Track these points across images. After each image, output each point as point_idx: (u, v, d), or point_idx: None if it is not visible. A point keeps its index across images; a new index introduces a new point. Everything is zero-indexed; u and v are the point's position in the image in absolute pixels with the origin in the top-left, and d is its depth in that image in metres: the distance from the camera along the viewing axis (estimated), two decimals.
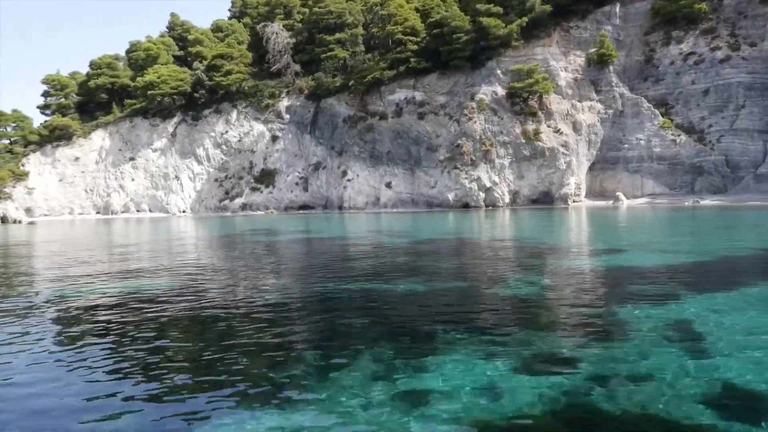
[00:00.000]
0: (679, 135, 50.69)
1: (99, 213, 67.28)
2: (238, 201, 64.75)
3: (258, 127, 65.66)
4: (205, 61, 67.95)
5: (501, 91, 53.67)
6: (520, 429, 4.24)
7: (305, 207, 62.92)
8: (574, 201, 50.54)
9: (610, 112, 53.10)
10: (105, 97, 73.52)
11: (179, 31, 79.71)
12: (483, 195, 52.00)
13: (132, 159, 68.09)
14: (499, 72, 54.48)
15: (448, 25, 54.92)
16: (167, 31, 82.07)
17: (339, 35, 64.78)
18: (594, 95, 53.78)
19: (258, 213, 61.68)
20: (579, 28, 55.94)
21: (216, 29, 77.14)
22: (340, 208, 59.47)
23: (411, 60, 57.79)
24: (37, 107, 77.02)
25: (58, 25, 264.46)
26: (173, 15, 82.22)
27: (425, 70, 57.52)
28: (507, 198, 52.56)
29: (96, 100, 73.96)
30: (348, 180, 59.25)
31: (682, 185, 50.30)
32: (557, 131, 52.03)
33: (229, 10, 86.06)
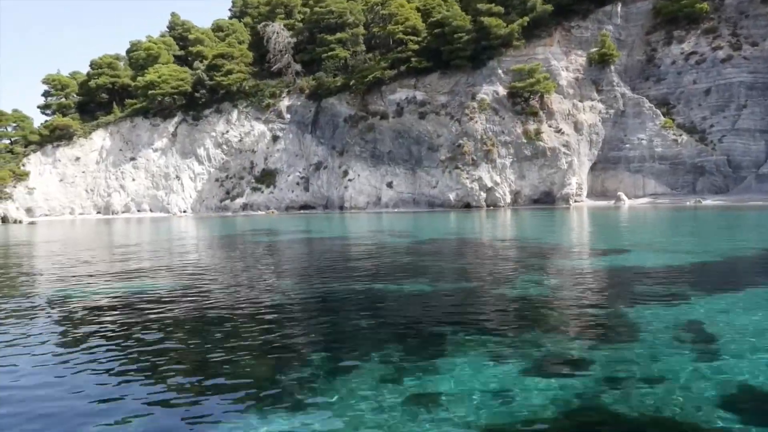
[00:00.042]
0: (681, 135, 50.63)
1: (100, 213, 67.24)
2: (238, 201, 64.70)
3: (259, 127, 65.59)
4: (206, 61, 67.90)
5: (502, 91, 53.59)
6: None
7: (306, 207, 62.85)
8: (575, 201, 50.47)
9: (611, 111, 53.02)
10: (105, 97, 73.53)
11: (180, 31, 79.71)
12: (484, 195, 51.93)
13: (133, 159, 68.05)
14: (501, 72, 54.41)
15: (449, 25, 54.84)
16: (168, 31, 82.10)
17: (340, 35, 64.74)
18: (595, 95, 53.70)
19: (259, 213, 61.62)
20: (580, 27, 55.87)
21: (216, 29, 77.10)
22: (341, 208, 59.39)
23: (412, 60, 57.71)
24: (38, 107, 77.10)
25: (58, 25, 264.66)
26: (174, 15, 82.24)
27: (426, 69, 57.43)
28: (508, 198, 52.50)
29: (96, 99, 73.96)
30: (349, 180, 59.18)
31: (683, 185, 50.23)
32: (558, 131, 51.96)
33: (230, 9, 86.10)
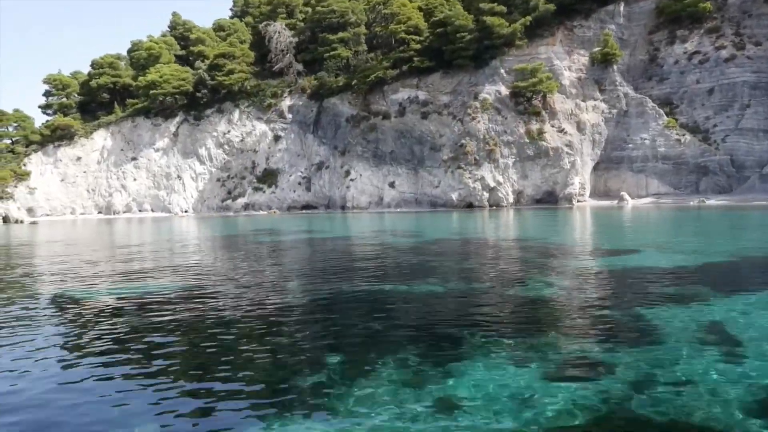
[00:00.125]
0: (684, 134, 50.47)
1: (101, 213, 67.16)
2: (240, 201, 64.60)
3: (260, 127, 65.49)
4: (207, 61, 67.82)
5: (505, 91, 53.46)
6: None
7: (308, 207, 62.73)
8: (578, 201, 50.32)
9: (614, 111, 52.86)
10: (107, 97, 73.47)
11: (181, 31, 79.62)
12: (487, 195, 51.80)
13: (134, 159, 67.98)
14: (503, 71, 54.28)
15: (451, 24, 54.74)
16: (169, 31, 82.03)
17: (342, 34, 64.63)
18: (598, 94, 53.56)
19: (260, 213, 61.51)
20: (583, 27, 55.73)
21: (218, 28, 77.02)
22: (342, 207, 59.25)
23: (414, 59, 57.61)
24: (39, 107, 77.10)
25: (58, 25, 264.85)
26: (175, 14, 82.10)
27: (428, 69, 57.31)
28: (511, 198, 52.36)
29: (98, 99, 73.91)
30: (351, 180, 59.05)
31: (686, 185, 50.06)
32: (561, 131, 51.81)
33: (231, 9, 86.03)
